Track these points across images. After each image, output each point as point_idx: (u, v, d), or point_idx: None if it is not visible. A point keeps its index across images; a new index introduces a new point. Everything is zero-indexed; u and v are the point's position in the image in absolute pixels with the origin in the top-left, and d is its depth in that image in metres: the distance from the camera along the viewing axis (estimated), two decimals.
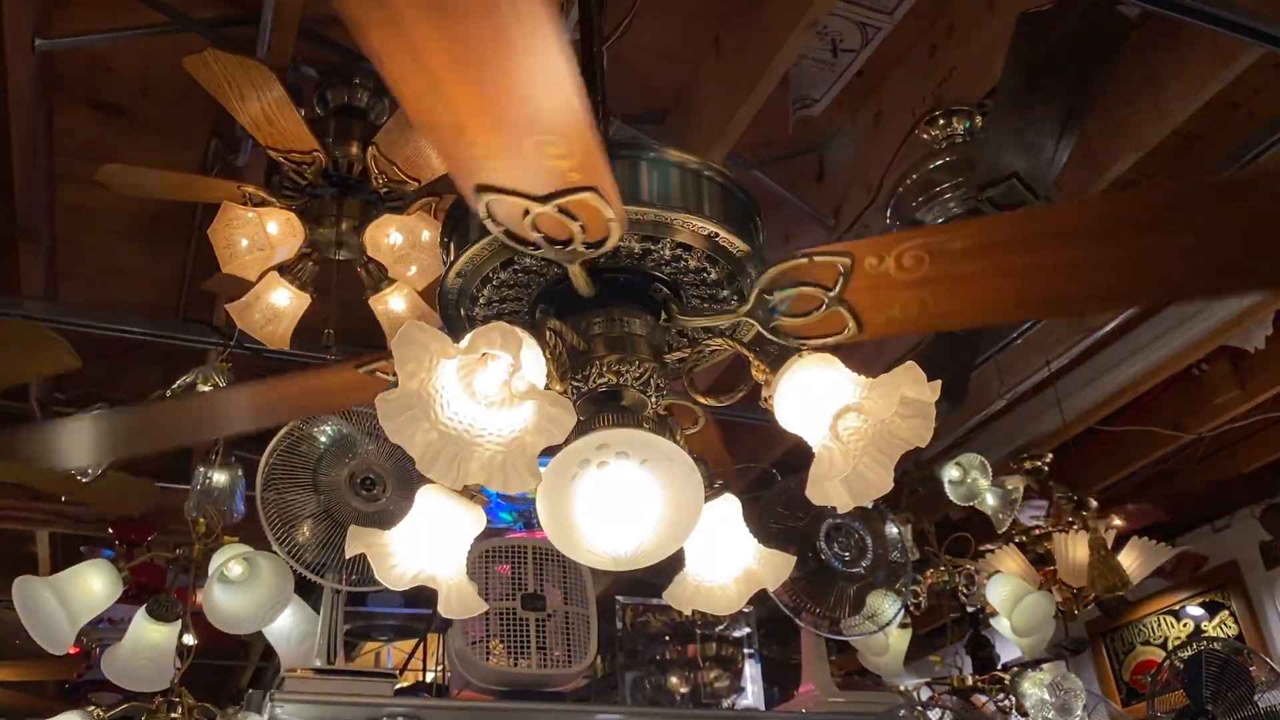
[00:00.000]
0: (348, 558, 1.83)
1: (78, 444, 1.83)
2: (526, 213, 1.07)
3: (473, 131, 0.97)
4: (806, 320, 1.26)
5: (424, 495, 1.32)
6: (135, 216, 3.32)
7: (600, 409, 1.23)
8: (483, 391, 1.08)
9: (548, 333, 1.24)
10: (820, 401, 1.17)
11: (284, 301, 2.52)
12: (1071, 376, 3.97)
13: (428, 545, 1.30)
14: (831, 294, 1.22)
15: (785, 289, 1.24)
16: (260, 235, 2.41)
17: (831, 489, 1.13)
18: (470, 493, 1.31)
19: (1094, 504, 3.75)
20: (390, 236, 2.47)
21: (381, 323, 2.69)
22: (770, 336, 1.29)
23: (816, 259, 1.20)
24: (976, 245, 1.16)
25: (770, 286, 1.24)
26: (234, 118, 2.37)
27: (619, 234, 1.13)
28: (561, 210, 1.07)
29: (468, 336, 1.06)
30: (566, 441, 1.10)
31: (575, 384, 1.26)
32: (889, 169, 2.85)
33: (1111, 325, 3.57)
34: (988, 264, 1.18)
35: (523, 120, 0.96)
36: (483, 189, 1.05)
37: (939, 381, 1.12)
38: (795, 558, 1.34)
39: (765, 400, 1.24)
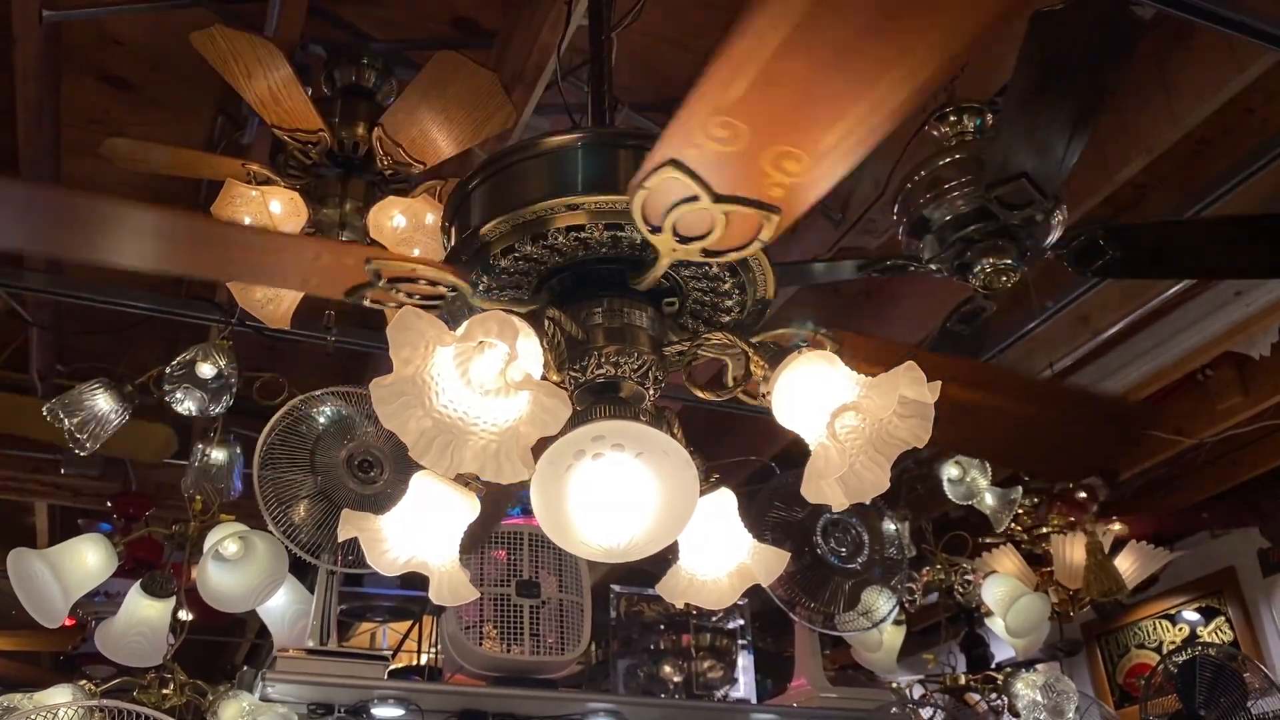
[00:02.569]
0: (340, 540, 1.83)
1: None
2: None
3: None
4: (722, 233, 1.14)
5: (418, 481, 1.31)
6: (140, 190, 3.31)
7: (597, 400, 1.23)
8: (478, 380, 1.07)
9: (546, 322, 1.24)
10: (818, 399, 1.16)
11: None
12: (1074, 378, 3.95)
13: (421, 531, 1.30)
14: (707, 199, 1.08)
15: (669, 214, 1.12)
16: (264, 214, 2.40)
17: (827, 487, 1.13)
18: (465, 480, 1.30)
19: (1094, 507, 3.74)
20: (394, 218, 2.46)
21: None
22: (711, 259, 1.20)
23: (648, 183, 1.08)
24: (755, 73, 0.98)
25: (652, 224, 1.14)
26: (240, 95, 2.35)
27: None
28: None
29: (465, 324, 1.05)
30: (563, 431, 1.10)
31: (573, 374, 1.25)
32: (897, 164, 2.83)
33: (1116, 328, 3.55)
34: (784, 82, 0.98)
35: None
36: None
37: (938, 383, 1.11)
38: (789, 554, 1.33)
39: (763, 397, 1.24)
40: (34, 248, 2.22)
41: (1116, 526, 3.87)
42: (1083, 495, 3.72)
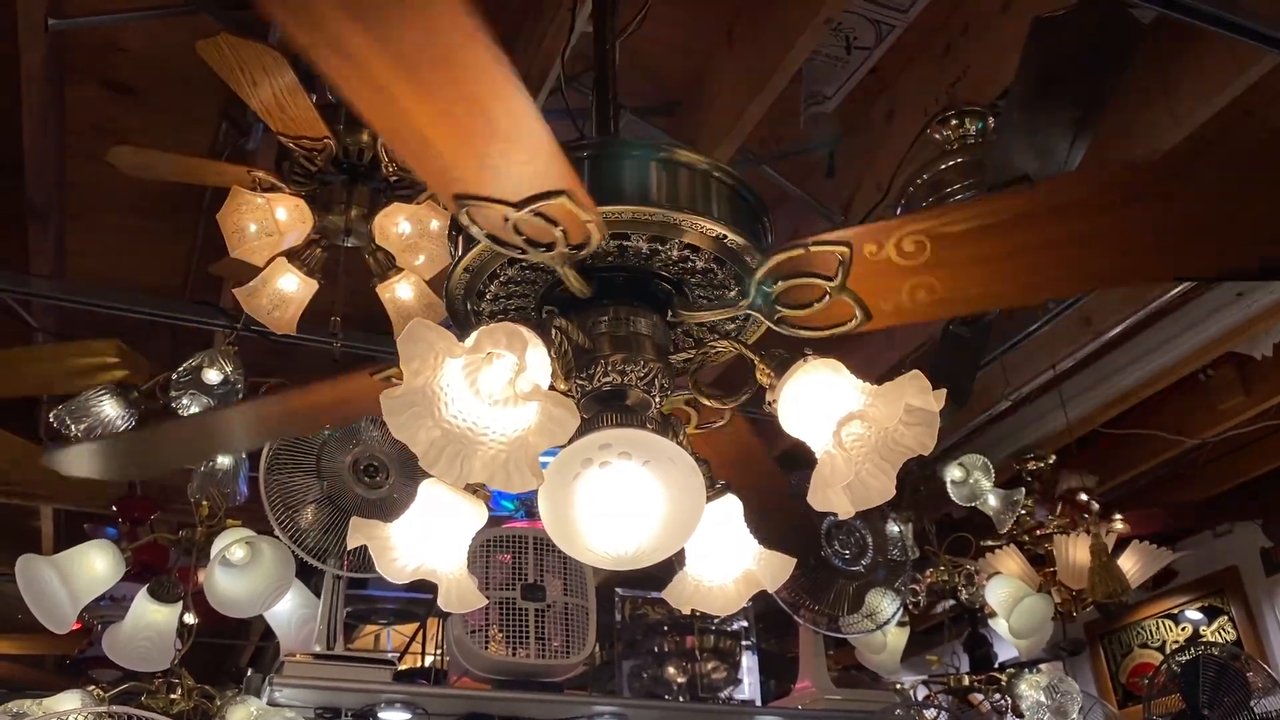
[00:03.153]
0: (349, 548, 1.84)
1: (108, 460, 1.85)
2: (506, 219, 1.08)
3: (437, 142, 0.99)
4: (811, 311, 1.24)
5: (426, 489, 1.32)
6: (144, 197, 3.32)
7: (604, 408, 1.23)
8: (487, 390, 1.08)
9: (553, 331, 1.24)
10: (824, 407, 1.17)
11: (291, 287, 2.52)
12: (1076, 379, 3.96)
13: (429, 539, 1.31)
14: (833, 283, 1.20)
15: (786, 279, 1.22)
16: (269, 221, 2.41)
17: (833, 495, 1.14)
18: (473, 488, 1.31)
19: (1096, 507, 3.75)
20: (399, 225, 2.47)
21: (388, 310, 2.69)
22: (776, 329, 1.28)
23: (813, 249, 1.18)
24: (977, 227, 1.14)
25: (769, 277, 1.23)
26: (245, 102, 2.36)
27: (599, 236, 1.14)
28: (539, 215, 1.08)
29: (473, 335, 1.06)
30: (571, 440, 1.11)
31: (580, 382, 1.26)
32: (900, 167, 2.84)
33: (1118, 329, 3.56)
34: (991, 245, 1.16)
35: (480, 129, 0.97)
36: (461, 198, 1.07)
37: (944, 390, 1.12)
38: (795, 559, 1.34)
39: (769, 404, 1.24)
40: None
41: (1120, 525, 3.87)
42: (1083, 497, 3.73)
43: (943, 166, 2.65)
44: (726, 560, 1.33)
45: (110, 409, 2.68)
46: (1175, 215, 1.14)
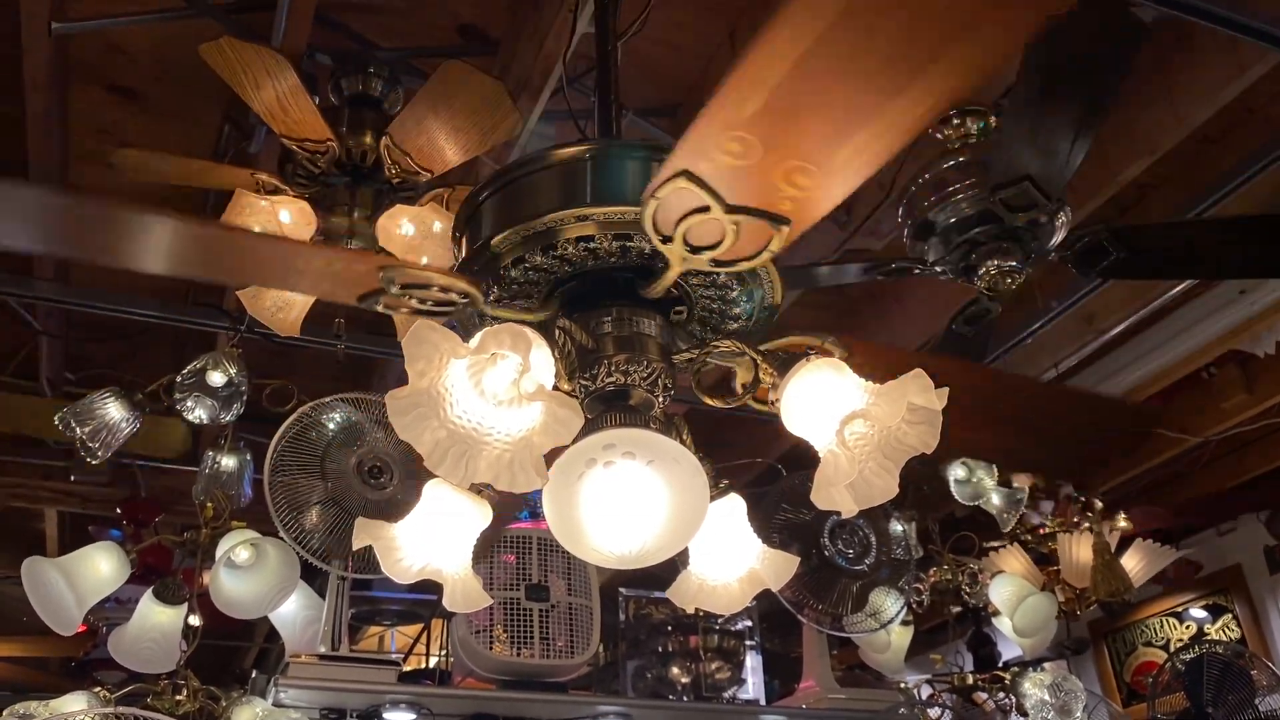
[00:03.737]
0: (354, 549, 1.84)
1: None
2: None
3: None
4: (729, 244, 1.15)
5: (431, 489, 1.33)
6: (147, 199, 3.31)
7: (608, 408, 1.24)
8: (491, 391, 1.09)
9: (557, 331, 1.25)
10: (827, 407, 1.17)
11: None
12: (1079, 378, 3.96)
13: (434, 539, 1.31)
14: (718, 208, 1.10)
15: (680, 223, 1.14)
16: (273, 223, 2.41)
17: (837, 494, 1.14)
18: (478, 488, 1.32)
19: (1099, 505, 3.75)
20: (402, 226, 2.47)
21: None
22: (716, 269, 1.23)
23: (660, 193, 1.09)
24: (771, 89, 0.97)
25: (663, 233, 1.16)
26: (248, 105, 2.37)
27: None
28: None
29: (478, 336, 1.07)
30: (575, 440, 1.11)
31: (583, 382, 1.27)
32: (902, 167, 2.84)
33: (1120, 328, 3.56)
34: (799, 90, 0.97)
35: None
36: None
37: (946, 389, 1.12)
38: (799, 558, 1.34)
39: (772, 404, 1.25)
40: (49, 251, 2.23)
41: (1123, 524, 3.87)
42: (1080, 501, 3.73)
43: (945, 165, 2.65)
44: (730, 559, 1.34)
45: (115, 412, 2.68)
46: None
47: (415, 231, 2.39)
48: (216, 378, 2.69)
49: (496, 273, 1.30)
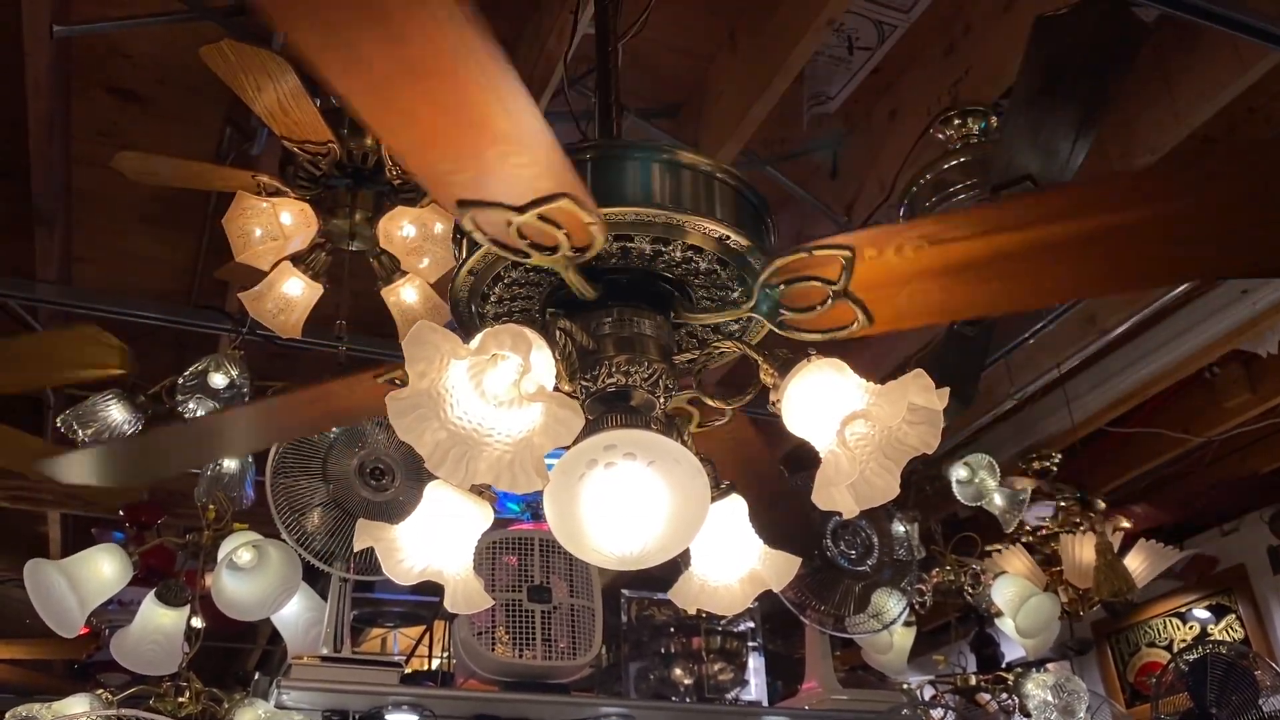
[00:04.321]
0: (356, 550, 1.85)
1: (109, 466, 1.84)
2: (509, 223, 1.08)
3: (438, 145, 0.98)
4: (813, 315, 1.24)
5: (432, 491, 1.33)
6: (149, 202, 3.33)
7: (609, 409, 1.24)
8: (492, 392, 1.09)
9: (557, 332, 1.25)
10: (828, 407, 1.17)
11: (297, 291, 2.54)
12: (1081, 378, 3.96)
13: (436, 541, 1.31)
14: (835, 287, 1.19)
15: (789, 283, 1.22)
16: (274, 225, 2.42)
17: (838, 494, 1.14)
18: (479, 490, 1.32)
19: (1101, 506, 3.74)
20: (403, 228, 2.48)
21: (393, 314, 2.70)
22: (779, 332, 1.28)
23: (817, 253, 1.18)
24: (979, 232, 1.13)
25: (772, 281, 1.23)
26: (249, 107, 2.37)
27: (602, 238, 1.14)
28: (542, 218, 1.08)
29: (478, 337, 1.07)
30: (576, 441, 1.11)
31: (584, 383, 1.27)
32: (903, 168, 2.84)
33: (1123, 328, 3.56)
34: (992, 250, 1.14)
35: (481, 131, 0.97)
36: (464, 203, 1.06)
37: (947, 389, 1.12)
38: (800, 559, 1.34)
39: (773, 404, 1.25)
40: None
41: (1125, 524, 3.87)
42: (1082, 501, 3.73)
43: (946, 166, 2.65)
44: (732, 560, 1.33)
45: (117, 413, 2.69)
46: (1177, 219, 1.13)
47: (416, 233, 2.39)
48: (218, 379, 2.70)
49: (497, 274, 1.30)
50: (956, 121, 2.74)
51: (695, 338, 1.41)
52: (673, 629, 3.70)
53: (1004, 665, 3.52)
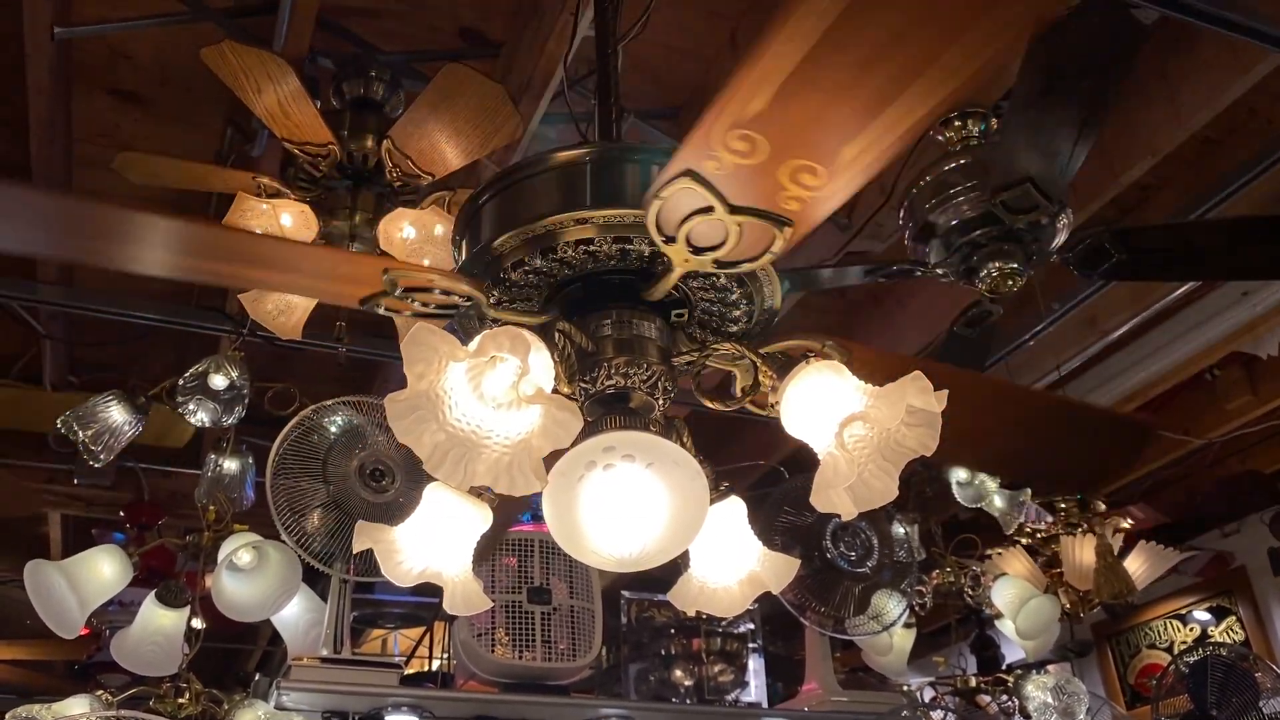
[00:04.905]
0: (355, 551, 1.84)
1: None
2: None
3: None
4: (731, 245, 1.15)
5: (432, 493, 1.33)
6: (150, 203, 3.33)
7: (608, 411, 1.24)
8: (491, 394, 1.09)
9: (556, 334, 1.25)
10: (827, 409, 1.17)
11: None
12: (1082, 379, 3.96)
13: (435, 542, 1.31)
14: (721, 209, 1.10)
15: (683, 224, 1.14)
16: (274, 227, 2.42)
17: (836, 496, 1.14)
18: (478, 491, 1.32)
19: (1102, 507, 3.74)
20: (403, 230, 2.48)
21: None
22: (723, 271, 1.23)
23: (664, 193, 1.09)
24: (779, 86, 0.96)
25: (666, 234, 1.16)
26: (250, 109, 2.38)
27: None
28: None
29: (477, 339, 1.07)
30: (575, 442, 1.11)
31: (583, 385, 1.27)
32: (903, 169, 2.84)
33: (1124, 329, 3.56)
34: (809, 93, 0.97)
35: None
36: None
37: (945, 391, 1.12)
38: (799, 561, 1.34)
39: (772, 406, 1.25)
40: (53, 254, 2.25)
41: (1126, 525, 3.86)
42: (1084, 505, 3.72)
43: (946, 168, 2.65)
44: (731, 562, 1.33)
45: (118, 414, 2.69)
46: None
47: (416, 234, 2.39)
48: (219, 381, 2.70)
49: (496, 275, 1.30)
50: (956, 123, 2.73)
51: (694, 339, 1.41)
52: (673, 630, 3.69)
53: (1004, 667, 3.52)
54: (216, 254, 1.29)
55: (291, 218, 2.41)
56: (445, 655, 3.79)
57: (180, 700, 2.46)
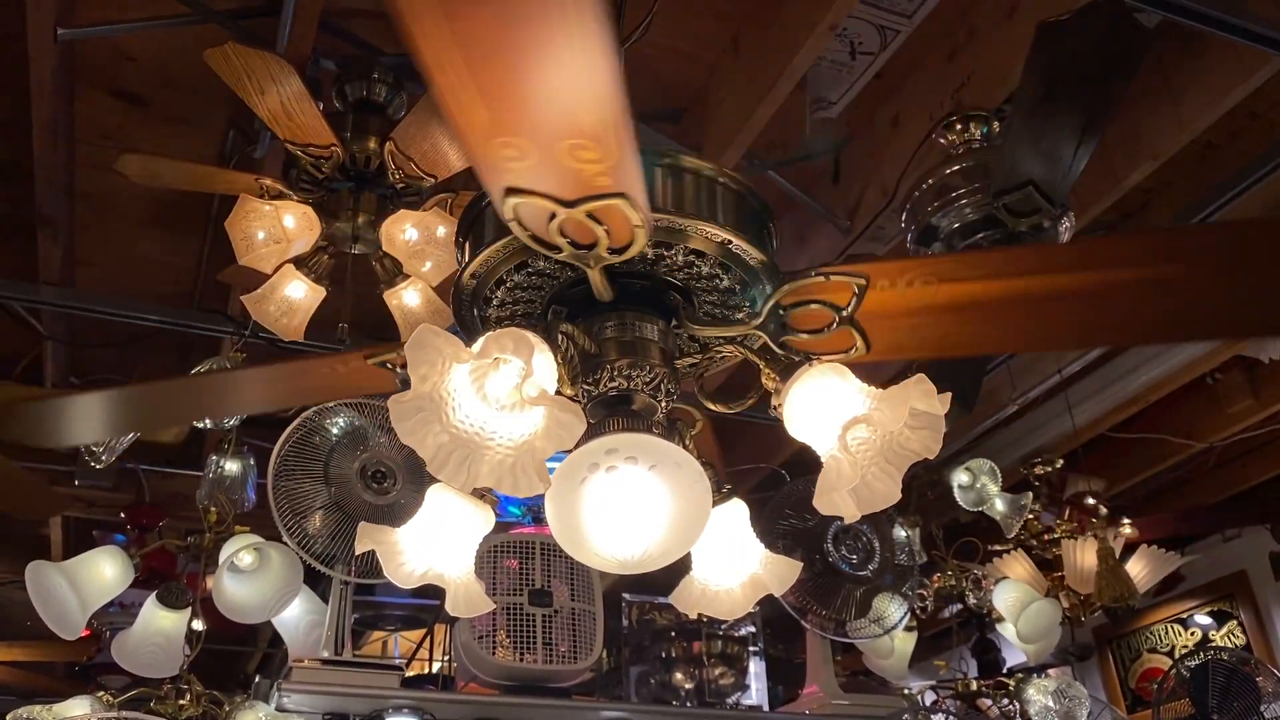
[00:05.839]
0: (357, 553, 1.84)
1: (90, 419, 1.77)
2: (553, 216, 1.06)
3: (507, 132, 0.94)
4: (816, 337, 1.26)
5: (434, 494, 1.33)
6: (153, 205, 3.34)
7: (610, 413, 1.24)
8: (494, 395, 1.09)
9: (560, 336, 1.25)
10: (829, 412, 1.17)
11: (299, 294, 2.54)
12: (1083, 383, 3.96)
13: (437, 544, 1.31)
14: (843, 313, 1.22)
15: (798, 305, 1.24)
16: (277, 228, 2.42)
17: (839, 499, 1.14)
18: (480, 493, 1.32)
19: (1104, 511, 3.74)
20: (406, 231, 2.48)
21: (395, 317, 2.70)
22: (777, 350, 1.29)
23: (833, 278, 1.19)
24: (989, 275, 1.15)
25: (785, 302, 1.24)
26: (253, 110, 2.38)
27: (643, 241, 1.13)
28: (589, 215, 1.06)
29: (480, 341, 1.07)
30: (577, 445, 1.11)
31: (586, 387, 1.27)
32: (905, 173, 2.85)
33: None
34: (1000, 296, 1.17)
35: (560, 122, 0.93)
36: (512, 191, 1.04)
37: (949, 394, 1.12)
38: (801, 563, 1.34)
39: (775, 408, 1.25)
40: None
41: (1127, 530, 3.86)
42: (1090, 501, 3.72)
43: (948, 171, 2.66)
44: (733, 564, 1.33)
45: None
46: (1190, 287, 1.16)
47: (419, 236, 2.40)
48: None
49: (499, 277, 1.30)
50: (959, 127, 2.74)
51: (698, 342, 1.41)
52: (674, 633, 3.69)
53: (1005, 670, 3.52)
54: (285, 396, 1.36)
55: (294, 219, 2.41)
56: (446, 657, 3.78)
57: (181, 702, 2.46)
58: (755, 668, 3.77)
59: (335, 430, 2.69)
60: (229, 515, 2.77)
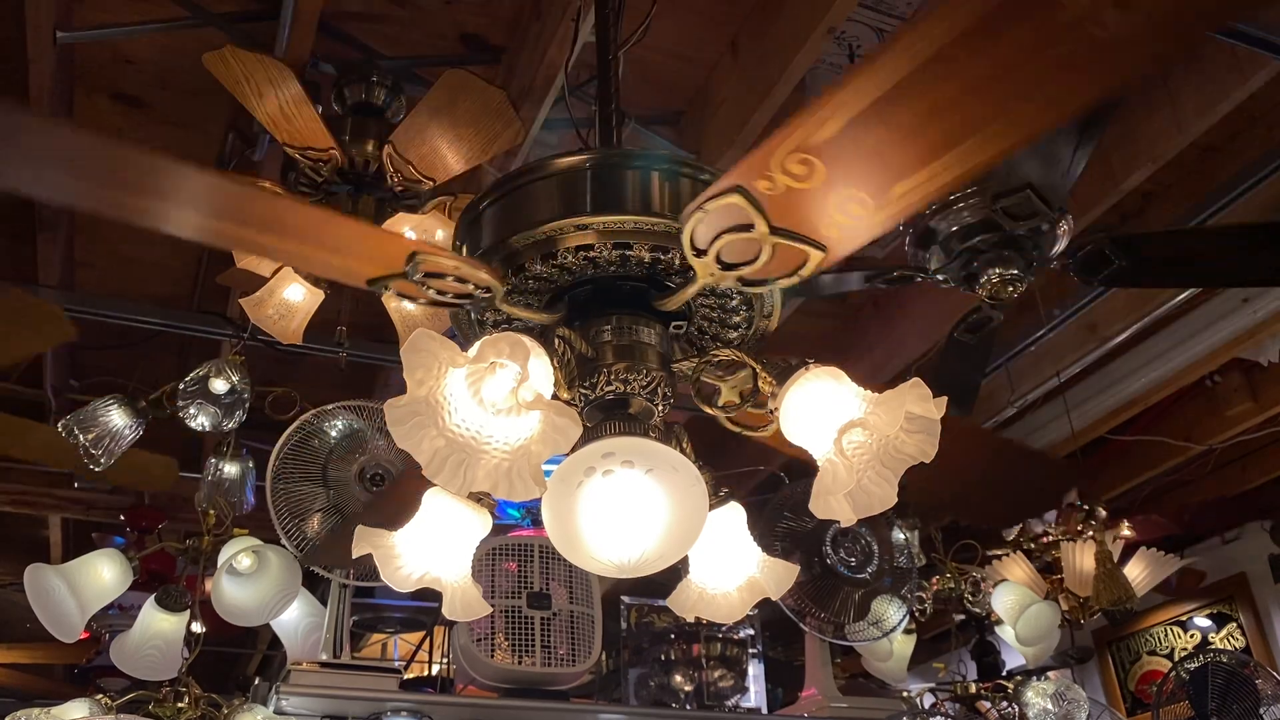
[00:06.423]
0: (354, 558, 1.84)
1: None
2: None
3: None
4: (763, 263, 1.15)
5: (431, 498, 1.33)
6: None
7: (607, 417, 1.24)
8: (490, 399, 1.09)
9: (556, 340, 1.25)
10: (825, 416, 1.17)
11: (298, 297, 2.54)
12: (1082, 386, 3.96)
13: (434, 547, 1.31)
14: (762, 229, 1.11)
15: (717, 239, 1.14)
16: None
17: (835, 503, 1.14)
18: (477, 497, 1.32)
19: (1103, 514, 3.74)
20: (404, 234, 2.48)
21: (394, 319, 2.70)
22: (747, 289, 1.24)
23: (708, 206, 1.10)
24: (848, 120, 0.98)
25: (698, 247, 1.16)
26: (252, 114, 2.38)
27: (485, 276, 1.21)
28: (422, 283, 1.19)
29: (476, 345, 1.07)
30: (574, 448, 1.11)
31: (583, 391, 1.27)
32: None
33: (1123, 336, 3.56)
34: (877, 129, 0.99)
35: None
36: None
37: (944, 398, 1.12)
38: (799, 567, 1.34)
39: (771, 413, 1.25)
40: (69, 199, 2.23)
41: (1126, 532, 3.86)
42: (1082, 505, 3.72)
43: None
44: (730, 567, 1.33)
45: (118, 419, 2.69)
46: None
47: (417, 240, 2.39)
48: (219, 385, 2.70)
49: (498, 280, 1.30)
50: None
51: (694, 345, 1.41)
52: (673, 636, 3.69)
53: (1004, 673, 3.52)
54: (244, 216, 1.22)
55: None
56: (445, 660, 3.78)
57: (179, 704, 2.46)
58: (754, 670, 3.77)
59: (334, 433, 2.69)
60: (228, 518, 2.77)
